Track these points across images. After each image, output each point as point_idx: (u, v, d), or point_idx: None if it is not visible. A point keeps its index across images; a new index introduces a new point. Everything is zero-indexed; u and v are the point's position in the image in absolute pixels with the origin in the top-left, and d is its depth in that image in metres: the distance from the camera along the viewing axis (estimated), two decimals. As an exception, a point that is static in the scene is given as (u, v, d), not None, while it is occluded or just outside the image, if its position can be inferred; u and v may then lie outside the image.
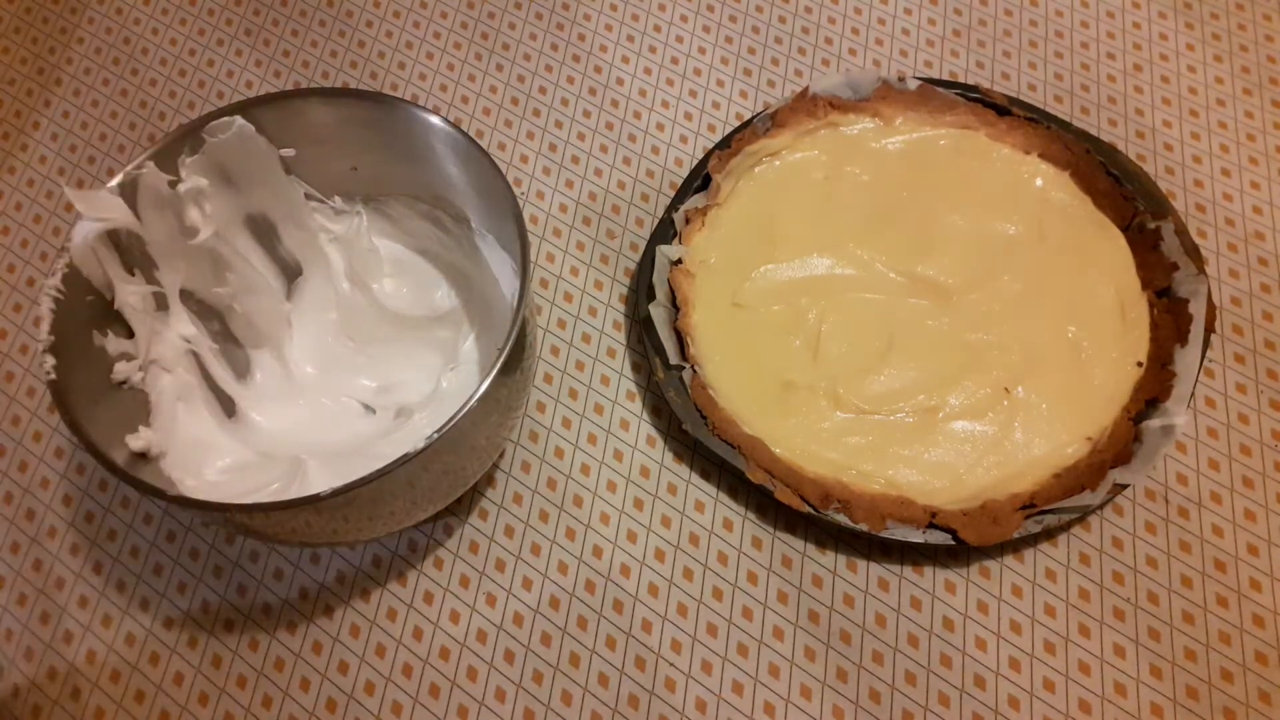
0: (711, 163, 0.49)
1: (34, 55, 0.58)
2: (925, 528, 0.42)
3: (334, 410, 0.46)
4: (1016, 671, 0.42)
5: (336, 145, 0.43)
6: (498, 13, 0.58)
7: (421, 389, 0.45)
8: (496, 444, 0.41)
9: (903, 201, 0.50)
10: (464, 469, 0.39)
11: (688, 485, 0.46)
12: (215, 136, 0.40)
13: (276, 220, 0.45)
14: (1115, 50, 0.56)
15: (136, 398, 0.40)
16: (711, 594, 0.44)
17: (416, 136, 0.41)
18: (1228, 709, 0.41)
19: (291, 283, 0.47)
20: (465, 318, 0.47)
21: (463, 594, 0.44)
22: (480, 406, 0.35)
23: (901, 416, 0.45)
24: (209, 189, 0.41)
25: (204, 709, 0.43)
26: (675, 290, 0.47)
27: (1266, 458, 0.46)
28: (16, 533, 0.46)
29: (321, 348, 0.47)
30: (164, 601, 0.45)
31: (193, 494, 0.39)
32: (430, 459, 0.35)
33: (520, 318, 0.36)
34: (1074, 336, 0.46)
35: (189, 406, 0.42)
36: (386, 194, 0.46)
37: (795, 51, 0.56)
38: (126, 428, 0.39)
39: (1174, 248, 0.46)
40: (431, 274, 0.48)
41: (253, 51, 0.58)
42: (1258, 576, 0.43)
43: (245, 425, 0.44)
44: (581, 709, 0.42)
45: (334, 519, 0.36)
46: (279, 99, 0.41)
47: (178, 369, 0.42)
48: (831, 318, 0.47)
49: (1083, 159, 0.49)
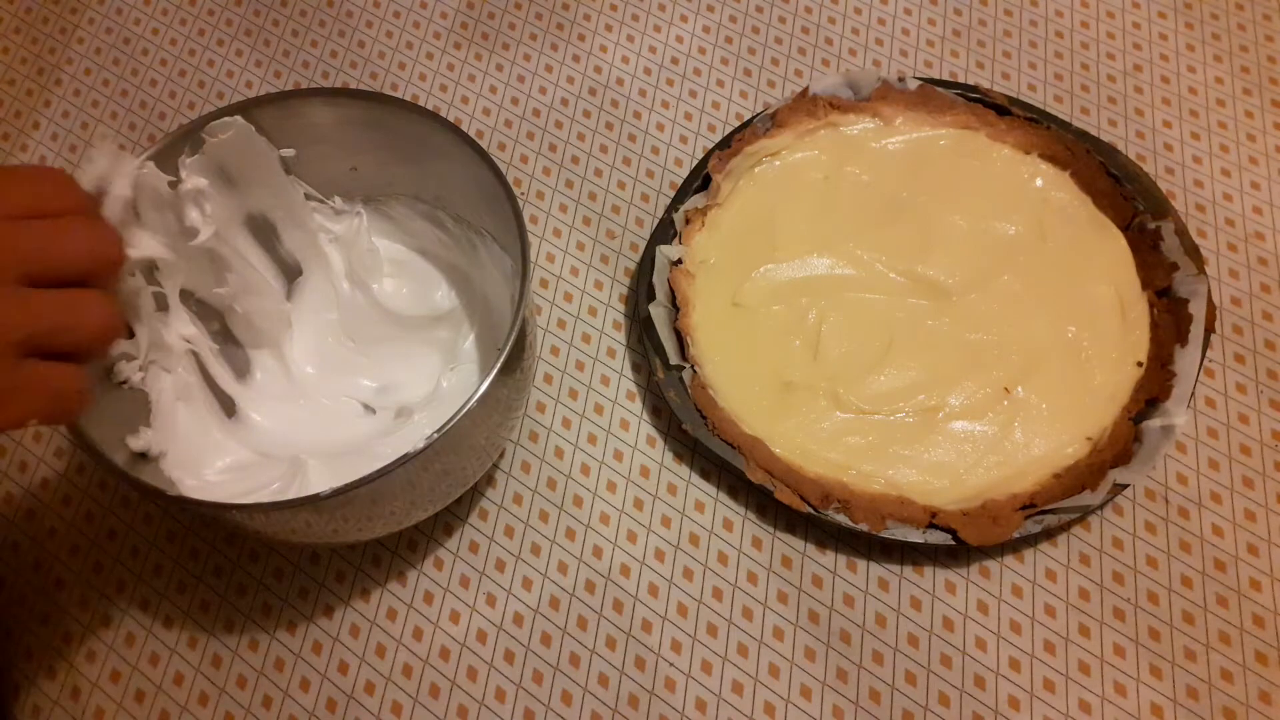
0: (711, 163, 0.49)
1: (34, 55, 0.58)
2: (925, 528, 0.42)
3: (334, 410, 0.46)
4: (1016, 671, 0.42)
5: (336, 145, 0.43)
6: (498, 13, 0.58)
7: (421, 389, 0.45)
8: (496, 444, 0.41)
9: (903, 201, 0.50)
10: (463, 469, 0.39)
11: (688, 485, 0.46)
12: (215, 136, 0.40)
13: (276, 220, 0.45)
14: (1115, 50, 0.56)
15: (136, 398, 0.40)
16: (711, 594, 0.44)
17: (416, 137, 0.41)
18: (1227, 709, 0.41)
19: (292, 283, 0.47)
20: (465, 318, 0.47)
21: (463, 594, 0.44)
22: (480, 407, 0.35)
23: (901, 416, 0.45)
24: (209, 189, 0.41)
25: (204, 709, 0.43)
26: (675, 290, 0.47)
27: (1266, 458, 0.46)
28: (17, 533, 0.46)
29: (321, 348, 0.47)
30: (164, 601, 0.45)
31: (192, 494, 0.39)
32: (430, 459, 0.35)
33: (520, 317, 0.36)
34: (1074, 336, 0.46)
35: (189, 406, 0.42)
36: (386, 194, 0.46)
37: (795, 51, 0.56)
38: (127, 428, 0.39)
39: (1174, 248, 0.46)
40: (431, 274, 0.48)
41: (253, 52, 0.58)
42: (1258, 576, 0.43)
43: (245, 425, 0.44)
44: (581, 709, 0.42)
45: (334, 519, 0.36)
46: (279, 99, 0.41)
47: (178, 369, 0.42)
48: (831, 318, 0.47)
49: (1083, 159, 0.49)
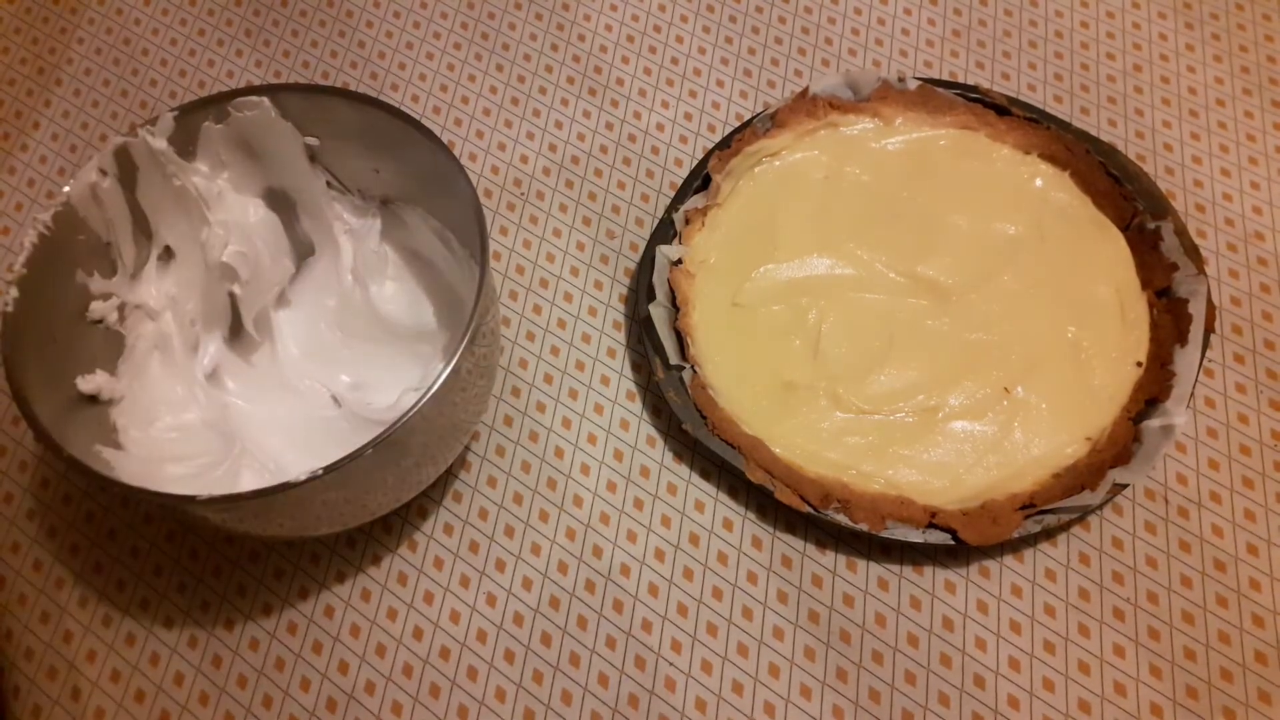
0: (711, 163, 0.49)
1: (34, 55, 0.58)
2: (925, 528, 0.42)
3: (305, 394, 0.46)
4: (1016, 671, 0.42)
5: (361, 146, 0.44)
6: (498, 13, 0.58)
7: (388, 397, 0.45)
8: (408, 486, 0.40)
9: (903, 201, 0.50)
10: (364, 504, 0.39)
11: (688, 485, 0.46)
12: (241, 112, 0.41)
13: (296, 199, 0.46)
14: (1115, 50, 0.56)
15: (110, 339, 0.40)
16: (711, 594, 0.44)
17: (431, 165, 0.41)
18: (1227, 709, 0.41)
19: (303, 260, 0.48)
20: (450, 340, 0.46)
21: (463, 594, 0.44)
22: (376, 453, 0.34)
23: (901, 416, 0.45)
24: (230, 159, 0.42)
25: (204, 709, 0.43)
26: (675, 290, 0.47)
27: (1266, 458, 0.46)
28: (17, 533, 0.46)
29: (313, 332, 0.47)
30: (164, 601, 0.45)
31: (135, 445, 0.39)
32: (318, 490, 0.34)
33: (458, 359, 0.35)
34: (1074, 336, 0.46)
35: (164, 358, 0.42)
36: (405, 200, 0.46)
37: (795, 51, 0.56)
38: (82, 368, 0.38)
39: (1174, 248, 0.46)
40: (430, 289, 0.47)
41: (253, 52, 0.58)
42: (1257, 576, 0.43)
43: (216, 387, 0.44)
44: (581, 709, 0.42)
45: (235, 520, 0.36)
46: (307, 90, 0.42)
47: (164, 315, 0.42)
48: (831, 318, 0.47)
49: (1083, 159, 0.49)
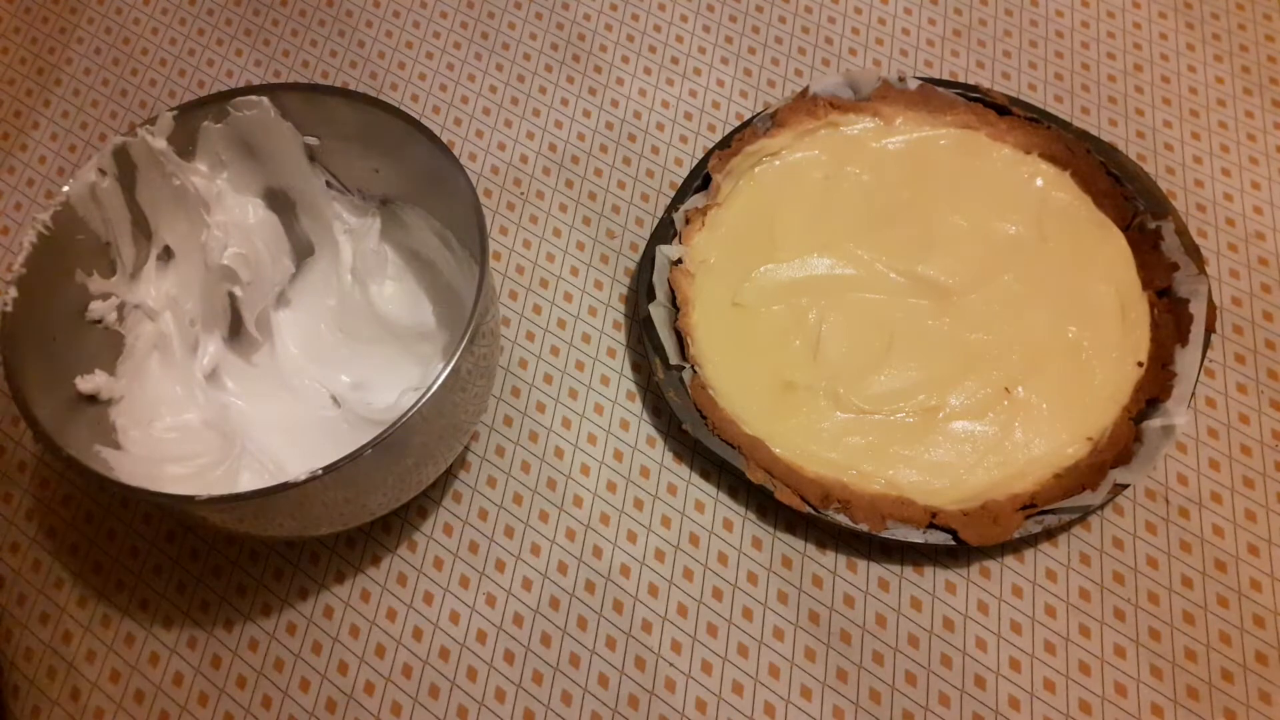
0: (711, 163, 0.49)
1: (34, 55, 0.58)
2: (925, 528, 0.42)
3: (304, 394, 0.46)
4: (1017, 672, 0.42)
5: (360, 146, 0.43)
6: (498, 13, 0.58)
7: (388, 397, 0.45)
8: (406, 488, 0.40)
9: (903, 201, 0.50)
10: (364, 504, 0.39)
11: (688, 485, 0.46)
12: (240, 111, 0.41)
13: (296, 198, 0.46)
14: (1115, 50, 0.56)
15: (109, 339, 0.40)
16: (711, 594, 0.44)
17: (431, 165, 0.41)
18: (1228, 709, 0.41)
19: (303, 260, 0.48)
20: (450, 340, 0.46)
21: (463, 594, 0.44)
22: (376, 453, 0.34)
23: (902, 416, 0.45)
24: (229, 159, 0.42)
25: (204, 709, 0.43)
26: (675, 290, 0.47)
27: (1267, 458, 0.46)
28: (16, 533, 0.46)
29: (313, 332, 0.47)
30: (164, 601, 0.45)
31: (135, 445, 0.39)
32: (318, 490, 0.34)
33: (453, 364, 0.35)
34: (1074, 336, 0.46)
35: (164, 358, 0.42)
36: (405, 200, 0.46)
37: (795, 51, 0.56)
38: (82, 368, 0.38)
39: (1174, 247, 0.46)
40: (430, 289, 0.47)
41: (252, 51, 0.58)
42: (1258, 576, 0.43)
43: (212, 388, 0.44)
44: (581, 709, 0.42)
45: (232, 520, 0.36)
46: (307, 90, 0.42)
47: (163, 315, 0.42)
48: (831, 318, 0.47)
49: (1083, 159, 0.49)
